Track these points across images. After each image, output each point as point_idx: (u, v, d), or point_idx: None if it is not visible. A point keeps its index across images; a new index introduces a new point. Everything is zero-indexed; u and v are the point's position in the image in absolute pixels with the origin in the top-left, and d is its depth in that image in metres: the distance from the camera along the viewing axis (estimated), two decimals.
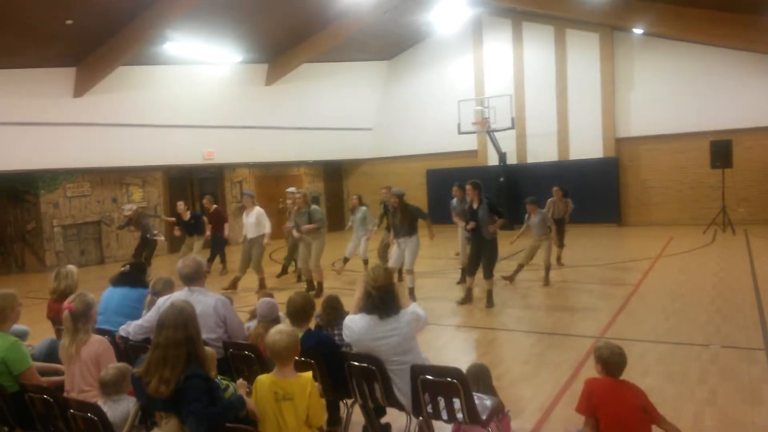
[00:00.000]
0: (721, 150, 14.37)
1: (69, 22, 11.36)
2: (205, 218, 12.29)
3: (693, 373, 5.29)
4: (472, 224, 8.24)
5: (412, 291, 8.82)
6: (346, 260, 11.20)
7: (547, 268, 9.64)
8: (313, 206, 9.81)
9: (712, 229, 14.49)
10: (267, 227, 10.23)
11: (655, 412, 3.60)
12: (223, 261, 12.63)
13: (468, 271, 8.73)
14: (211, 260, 12.46)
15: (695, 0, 13.43)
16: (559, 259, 11.11)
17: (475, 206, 8.26)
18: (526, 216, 9.76)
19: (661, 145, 16.54)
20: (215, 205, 12.88)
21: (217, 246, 12.55)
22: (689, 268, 10.35)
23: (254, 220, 10.21)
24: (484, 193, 8.43)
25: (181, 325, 2.99)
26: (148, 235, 11.75)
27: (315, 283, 9.68)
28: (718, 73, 15.63)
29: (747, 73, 15.26)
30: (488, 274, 8.29)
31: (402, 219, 8.88)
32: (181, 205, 12.36)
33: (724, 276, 9.47)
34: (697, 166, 15.80)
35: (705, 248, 12.36)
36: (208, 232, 12.14)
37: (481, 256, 8.35)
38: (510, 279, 9.66)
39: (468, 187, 8.39)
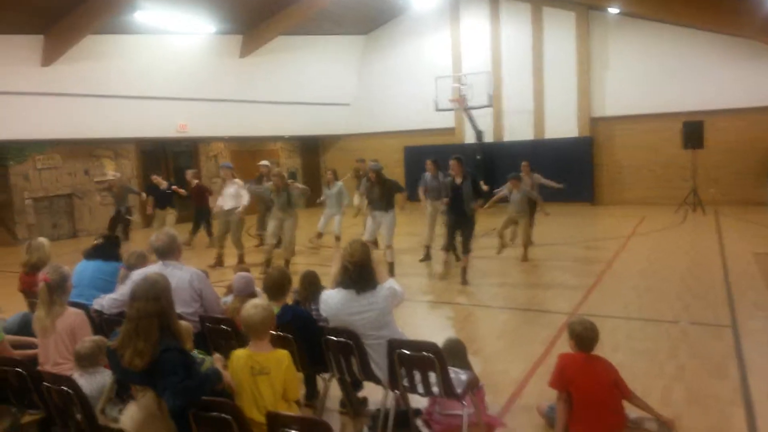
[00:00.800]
0: (694, 131, 14.58)
1: None
2: (181, 190, 12.24)
3: (662, 349, 5.42)
4: (447, 200, 8.29)
5: (392, 266, 8.86)
6: (320, 235, 11.17)
7: (526, 245, 9.74)
8: (297, 185, 9.86)
9: (683, 209, 14.77)
10: (244, 199, 10.09)
11: (626, 387, 3.70)
12: (210, 233, 12.57)
13: (446, 245, 8.81)
14: (194, 232, 12.58)
15: None
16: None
17: (458, 181, 8.25)
18: (506, 186, 9.83)
19: (635, 126, 16.72)
20: (197, 181, 12.91)
21: (201, 218, 12.60)
22: (660, 247, 10.55)
23: (233, 192, 10.10)
24: (467, 168, 8.47)
25: (152, 297, 2.97)
26: (122, 209, 11.59)
27: (284, 262, 9.47)
28: (692, 55, 15.79)
29: (720, 55, 15.44)
30: (466, 249, 8.36)
31: (380, 194, 8.89)
32: (155, 177, 12.33)
33: (695, 255, 9.68)
34: (669, 146, 16.02)
35: (676, 227, 12.61)
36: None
37: (458, 231, 8.41)
38: (500, 251, 9.77)
39: (452, 162, 8.36)
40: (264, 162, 11.80)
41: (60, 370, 3.52)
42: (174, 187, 12.28)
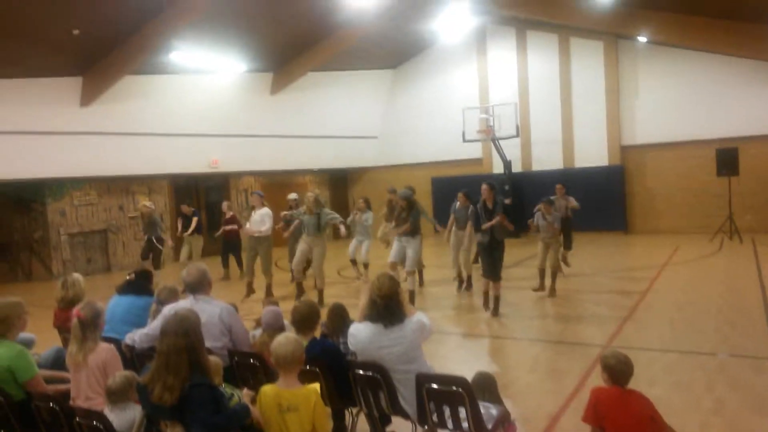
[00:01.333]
0: (727, 158, 14.33)
1: (76, 32, 11.46)
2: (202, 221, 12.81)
3: (700, 382, 5.26)
4: (489, 223, 8.15)
5: (412, 294, 8.80)
6: (353, 262, 11.25)
7: (554, 274, 9.39)
8: (324, 209, 9.89)
9: (718, 237, 14.43)
10: (267, 226, 10.08)
11: (662, 422, 3.57)
12: (240, 265, 12.74)
13: (484, 273, 8.53)
14: (225, 265, 12.90)
15: (699, 8, 13.45)
16: (564, 258, 10.92)
17: (490, 206, 8.27)
18: (539, 214, 9.47)
19: (667, 153, 16.51)
20: (231, 212, 13.26)
21: (230, 249, 12.91)
22: (696, 277, 10.30)
23: (259, 219, 10.11)
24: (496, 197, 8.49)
25: (182, 333, 3.00)
26: (154, 237, 11.77)
27: (317, 291, 9.61)
28: (723, 81, 15.61)
29: (752, 81, 15.23)
30: (498, 276, 8.24)
31: (406, 219, 8.91)
32: (184, 207, 12.79)
33: (732, 284, 9.42)
34: (702, 173, 15.74)
35: (712, 256, 12.31)
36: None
37: (492, 255, 8.30)
38: (541, 289, 9.38)
39: (484, 187, 8.40)
40: (292, 195, 11.91)
41: (91, 405, 3.56)
42: (223, 228, 12.81)
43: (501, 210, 8.19)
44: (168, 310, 3.92)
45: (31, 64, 12.00)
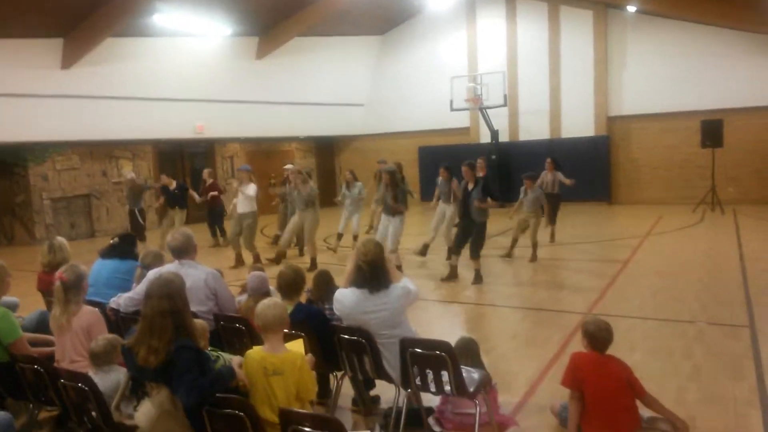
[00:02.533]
0: (712, 130, 14.41)
1: None
2: (193, 192, 12.42)
3: (678, 349, 5.37)
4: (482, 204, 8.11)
5: (399, 269, 8.80)
6: (340, 236, 11.21)
7: (534, 245, 9.66)
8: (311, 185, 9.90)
9: (701, 208, 14.60)
10: (253, 204, 10.08)
11: (640, 387, 3.66)
12: (223, 233, 12.70)
13: (454, 249, 8.72)
14: (214, 234, 12.81)
15: None
16: (552, 236, 11.12)
17: (470, 187, 8.24)
18: (523, 189, 9.79)
19: (652, 124, 16.57)
20: (212, 180, 12.99)
21: (214, 219, 12.75)
22: (678, 247, 10.45)
23: (248, 194, 10.07)
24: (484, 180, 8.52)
25: (165, 296, 3.00)
26: (137, 209, 11.68)
27: (309, 258, 9.72)
28: (710, 53, 15.60)
29: (739, 53, 15.25)
30: (475, 254, 8.30)
31: (392, 197, 8.87)
32: (164, 177, 12.40)
33: (712, 254, 9.57)
34: (687, 145, 15.85)
35: (694, 227, 12.47)
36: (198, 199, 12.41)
37: (468, 236, 8.36)
38: (509, 255, 9.78)
39: (464, 168, 8.36)
40: (288, 165, 11.73)
41: (76, 368, 3.57)
42: (191, 192, 12.41)
43: (480, 192, 8.09)
44: (153, 273, 3.92)
45: (10, 24, 11.68)
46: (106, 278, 4.94)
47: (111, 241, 5.33)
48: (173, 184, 12.18)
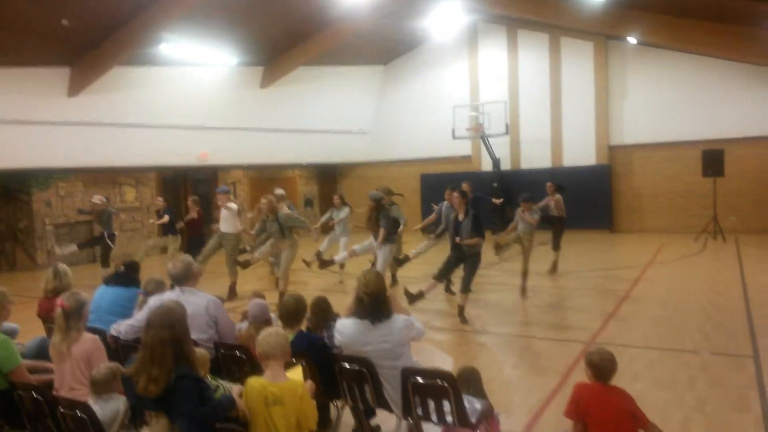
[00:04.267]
0: (713, 159, 14.47)
1: (65, 22, 11.35)
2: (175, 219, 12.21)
3: (682, 379, 5.32)
4: (465, 240, 7.66)
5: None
6: (319, 255, 10.87)
7: (525, 274, 9.07)
8: (285, 212, 9.24)
9: (703, 237, 14.57)
10: (238, 226, 9.82)
11: (644, 418, 3.61)
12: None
13: (437, 275, 8.11)
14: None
15: (688, 11, 13.54)
16: (554, 266, 10.80)
17: (460, 218, 7.77)
18: (518, 212, 9.38)
19: (654, 153, 16.65)
20: (198, 208, 12.21)
21: (194, 248, 12.00)
22: (680, 276, 10.41)
23: (226, 215, 9.74)
24: (474, 202, 8.28)
25: (167, 325, 3.00)
26: (106, 233, 11.56)
27: (279, 291, 8.96)
28: (711, 83, 15.76)
29: (739, 84, 15.39)
30: (465, 288, 7.75)
31: (375, 224, 8.60)
32: (159, 200, 12.25)
33: (715, 284, 9.53)
34: (688, 174, 15.91)
35: (696, 256, 12.44)
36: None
37: (457, 266, 7.96)
38: (523, 291, 9.05)
39: (455, 194, 7.85)
40: (279, 191, 11.60)
41: (75, 396, 3.55)
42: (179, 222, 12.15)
43: (470, 225, 7.60)
44: (154, 301, 3.92)
45: (18, 53, 11.86)
46: (107, 305, 4.93)
47: (116, 269, 5.34)
48: (163, 208, 11.97)
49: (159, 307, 3.13)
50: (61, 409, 3.25)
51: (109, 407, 3.41)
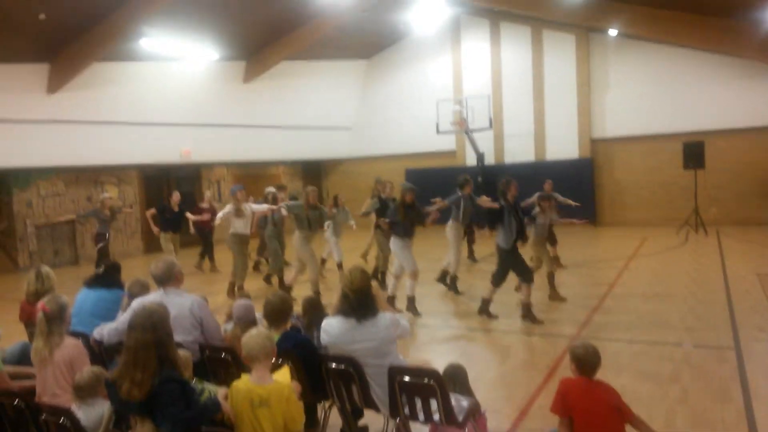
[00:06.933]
0: (694, 151, 14.61)
1: (42, 16, 11.15)
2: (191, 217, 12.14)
3: (666, 372, 5.38)
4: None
5: (393, 300, 8.23)
6: (323, 261, 10.88)
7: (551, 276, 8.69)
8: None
9: (685, 230, 14.74)
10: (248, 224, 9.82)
11: (629, 411, 3.65)
12: (212, 257, 12.57)
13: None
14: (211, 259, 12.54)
15: (668, 2, 13.65)
16: (557, 261, 10.53)
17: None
18: (537, 212, 8.83)
19: (635, 146, 16.79)
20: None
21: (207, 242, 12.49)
22: (663, 268, 10.52)
23: (249, 214, 9.77)
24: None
25: (149, 328, 2.96)
26: (107, 233, 11.49)
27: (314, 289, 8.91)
28: (692, 75, 15.90)
29: (720, 76, 15.54)
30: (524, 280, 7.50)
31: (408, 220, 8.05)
32: (177, 196, 11.64)
33: (697, 276, 9.64)
34: (670, 167, 16.05)
35: (678, 248, 12.57)
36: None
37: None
38: (558, 298, 8.53)
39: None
40: (270, 188, 11.57)
41: (58, 402, 3.51)
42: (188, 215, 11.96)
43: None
44: (137, 303, 3.87)
45: None
46: (90, 308, 4.86)
47: (96, 270, 5.27)
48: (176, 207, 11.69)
49: (141, 310, 3.09)
50: (44, 416, 3.21)
51: (93, 413, 3.37)
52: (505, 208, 7.49)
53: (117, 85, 13.99)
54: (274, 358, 3.49)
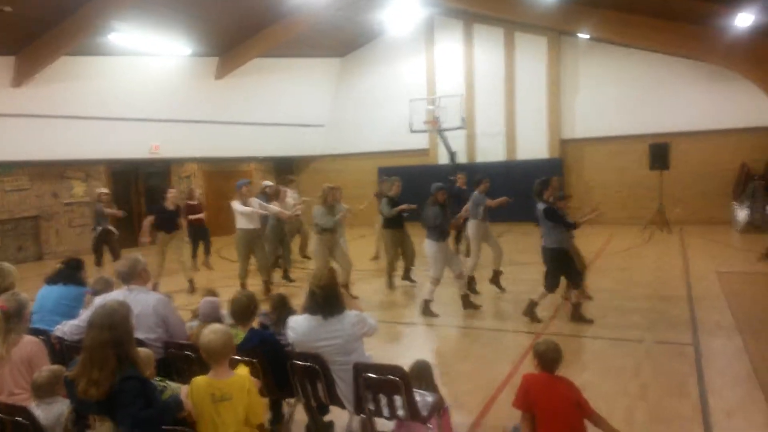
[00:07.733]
0: (659, 152, 14.94)
1: (7, 8, 10.88)
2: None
3: (627, 368, 5.51)
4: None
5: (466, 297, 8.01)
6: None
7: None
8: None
9: (650, 229, 15.04)
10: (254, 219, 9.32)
11: (588, 407, 3.73)
12: (208, 251, 12.08)
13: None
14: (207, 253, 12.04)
15: (637, 7, 13.88)
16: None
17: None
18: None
19: (604, 147, 17.07)
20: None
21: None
22: (627, 266, 10.72)
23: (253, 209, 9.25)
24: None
25: (107, 326, 2.92)
26: (102, 226, 11.14)
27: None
28: (658, 79, 16.22)
29: (684, 79, 15.89)
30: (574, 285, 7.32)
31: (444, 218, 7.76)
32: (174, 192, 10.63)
33: (660, 273, 9.86)
34: (637, 167, 16.37)
35: (643, 247, 12.83)
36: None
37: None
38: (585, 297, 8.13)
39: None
40: (266, 182, 11.15)
41: (16, 401, 3.45)
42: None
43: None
44: (99, 301, 3.83)
45: None
46: (51, 305, 4.79)
47: (57, 267, 5.18)
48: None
49: (101, 308, 3.06)
50: (1, 415, 3.15)
51: (53, 411, 3.32)
52: (551, 209, 7.55)
53: (85, 80, 13.72)
54: (233, 355, 3.48)
